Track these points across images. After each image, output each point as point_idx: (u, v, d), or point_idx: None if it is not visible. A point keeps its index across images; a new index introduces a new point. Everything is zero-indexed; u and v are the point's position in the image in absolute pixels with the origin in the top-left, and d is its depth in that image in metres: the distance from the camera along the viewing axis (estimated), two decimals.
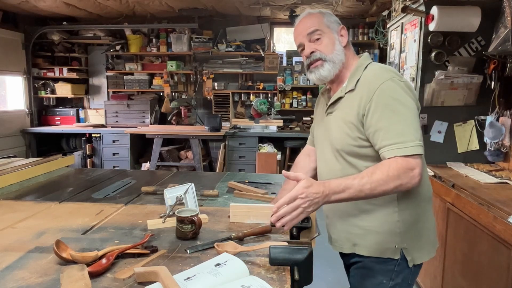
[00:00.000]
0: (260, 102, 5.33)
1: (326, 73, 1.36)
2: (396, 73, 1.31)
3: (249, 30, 5.93)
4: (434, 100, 2.73)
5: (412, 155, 1.19)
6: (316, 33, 1.36)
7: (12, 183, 1.99)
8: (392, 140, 1.21)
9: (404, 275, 1.34)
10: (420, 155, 1.21)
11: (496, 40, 2.43)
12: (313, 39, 1.37)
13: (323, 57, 1.36)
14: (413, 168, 1.19)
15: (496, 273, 1.83)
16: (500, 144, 2.59)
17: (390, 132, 1.22)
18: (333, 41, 1.37)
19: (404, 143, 1.20)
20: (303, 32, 1.38)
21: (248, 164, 5.27)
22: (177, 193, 1.51)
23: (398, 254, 1.32)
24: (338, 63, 1.36)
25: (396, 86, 1.26)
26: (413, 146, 1.20)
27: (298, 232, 1.30)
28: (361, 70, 1.36)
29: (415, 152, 1.20)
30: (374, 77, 1.30)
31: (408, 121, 1.23)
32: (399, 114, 1.23)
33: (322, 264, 3.00)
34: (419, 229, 1.35)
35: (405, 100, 1.25)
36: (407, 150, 1.20)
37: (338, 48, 1.37)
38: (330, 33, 1.37)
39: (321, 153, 1.48)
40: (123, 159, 5.49)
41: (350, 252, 1.39)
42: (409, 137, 1.21)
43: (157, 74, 5.98)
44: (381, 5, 4.73)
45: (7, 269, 1.10)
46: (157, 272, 1.00)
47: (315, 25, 1.36)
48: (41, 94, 5.92)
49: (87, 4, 4.91)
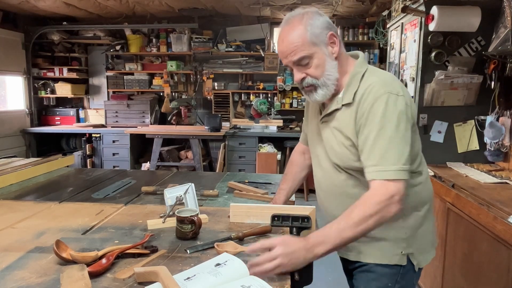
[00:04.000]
0: (260, 102, 5.33)
1: (320, 98, 1.28)
2: (393, 86, 1.22)
3: (249, 30, 5.93)
4: (434, 100, 2.73)
5: (392, 180, 1.13)
6: (303, 61, 1.23)
7: (12, 183, 1.99)
8: (373, 161, 1.17)
9: (409, 277, 1.33)
10: (402, 180, 1.14)
11: (496, 40, 2.43)
12: (300, 64, 1.25)
13: (315, 83, 1.26)
14: (393, 195, 1.12)
15: (496, 273, 1.83)
16: (500, 144, 2.59)
17: (373, 152, 1.17)
18: (323, 61, 1.24)
19: (385, 166, 1.14)
20: (287, 57, 1.25)
21: (248, 164, 5.27)
22: (177, 193, 1.51)
23: (405, 261, 1.30)
24: (331, 84, 1.26)
25: (390, 103, 1.18)
26: (394, 170, 1.14)
27: (298, 232, 1.30)
28: (357, 80, 1.27)
29: (396, 177, 1.14)
30: (370, 91, 1.22)
31: (394, 143, 1.16)
32: (385, 135, 1.16)
33: (322, 265, 2.98)
34: (423, 232, 1.34)
35: (395, 118, 1.17)
36: (387, 174, 1.14)
37: (329, 66, 1.25)
38: (318, 52, 1.23)
39: (316, 158, 1.43)
40: (123, 159, 5.49)
41: (355, 260, 1.37)
42: (390, 160, 1.14)
43: (157, 74, 5.98)
44: (381, 5, 4.73)
45: (7, 269, 1.10)
46: (157, 272, 1.00)
47: (300, 50, 1.21)
48: (41, 94, 5.93)
49: (87, 4, 4.91)
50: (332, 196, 1.37)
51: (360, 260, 1.35)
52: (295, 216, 1.30)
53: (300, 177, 1.66)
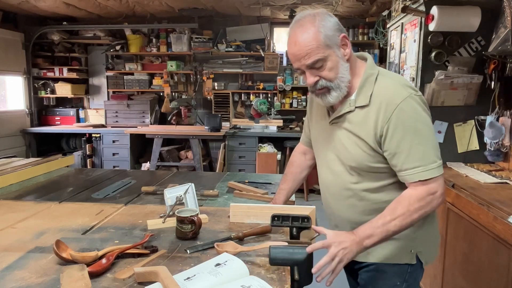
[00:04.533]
0: (260, 102, 5.33)
1: (333, 100, 1.27)
2: (412, 87, 1.25)
3: (249, 30, 5.93)
4: (434, 100, 2.73)
5: (433, 178, 1.19)
6: (317, 64, 1.21)
7: (12, 183, 1.99)
8: (413, 164, 1.20)
9: (416, 275, 1.35)
10: (440, 175, 1.21)
11: (496, 40, 2.43)
12: (314, 67, 1.22)
13: (329, 85, 1.24)
14: (435, 192, 1.20)
15: (496, 273, 1.83)
16: (500, 144, 2.59)
17: (411, 155, 1.20)
18: (336, 63, 1.23)
19: (425, 166, 1.19)
20: (301, 60, 1.22)
21: (248, 164, 5.27)
22: (177, 193, 1.51)
23: (414, 259, 1.32)
24: (344, 86, 1.25)
25: (415, 104, 1.21)
26: (434, 168, 1.19)
27: (298, 232, 1.30)
28: (371, 82, 1.26)
29: (437, 174, 1.20)
30: (392, 94, 1.22)
31: (429, 142, 1.21)
32: (420, 136, 1.20)
33: None
34: (429, 230, 1.36)
35: (424, 118, 1.22)
36: (428, 173, 1.19)
37: (342, 69, 1.24)
38: (332, 55, 1.21)
39: (325, 161, 1.42)
40: (123, 159, 5.48)
41: (363, 261, 1.36)
42: (430, 158, 1.20)
43: (157, 74, 5.98)
44: (381, 5, 4.73)
45: (7, 269, 1.10)
46: (157, 272, 1.00)
47: (314, 53, 1.19)
48: (41, 94, 5.92)
49: (87, 4, 4.91)
50: (342, 199, 1.36)
51: (370, 261, 1.35)
52: (295, 216, 1.30)
53: (300, 177, 1.66)
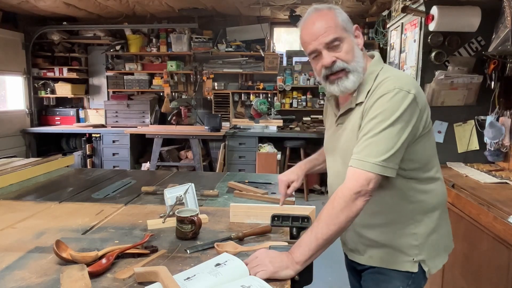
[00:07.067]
0: (260, 102, 5.33)
1: (351, 85, 1.23)
2: (405, 83, 1.18)
3: (249, 30, 5.93)
4: (434, 100, 2.73)
5: (365, 171, 1.12)
6: (335, 42, 1.20)
7: (12, 183, 1.99)
8: (357, 149, 1.16)
9: (419, 281, 1.31)
10: (375, 174, 1.12)
11: (496, 40, 2.43)
12: (331, 47, 1.21)
13: (346, 67, 1.21)
14: (360, 190, 1.10)
15: (496, 273, 1.83)
16: (500, 144, 2.59)
17: (362, 143, 1.16)
18: (352, 47, 1.23)
19: (367, 157, 1.12)
20: (319, 38, 1.20)
21: (248, 164, 5.27)
22: (177, 193, 1.51)
23: (416, 268, 1.27)
24: (361, 72, 1.23)
25: (396, 99, 1.14)
26: (371, 163, 1.12)
27: (298, 232, 1.30)
28: (372, 79, 1.24)
29: (372, 170, 1.11)
30: (381, 86, 1.19)
31: (384, 138, 1.13)
32: (379, 129, 1.14)
33: (322, 264, 2.99)
34: (436, 239, 1.31)
35: (396, 115, 1.13)
36: (365, 164, 1.12)
37: (357, 54, 1.23)
38: (348, 37, 1.22)
39: (332, 164, 1.40)
40: (123, 159, 5.49)
41: (366, 264, 1.35)
42: (373, 153, 1.12)
43: (157, 74, 5.99)
44: (381, 5, 4.73)
45: (7, 269, 1.10)
46: (157, 272, 1.00)
47: (333, 31, 1.20)
48: (41, 94, 5.93)
49: (87, 4, 4.91)
50: None
51: (371, 264, 1.33)
52: (295, 216, 1.30)
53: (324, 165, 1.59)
